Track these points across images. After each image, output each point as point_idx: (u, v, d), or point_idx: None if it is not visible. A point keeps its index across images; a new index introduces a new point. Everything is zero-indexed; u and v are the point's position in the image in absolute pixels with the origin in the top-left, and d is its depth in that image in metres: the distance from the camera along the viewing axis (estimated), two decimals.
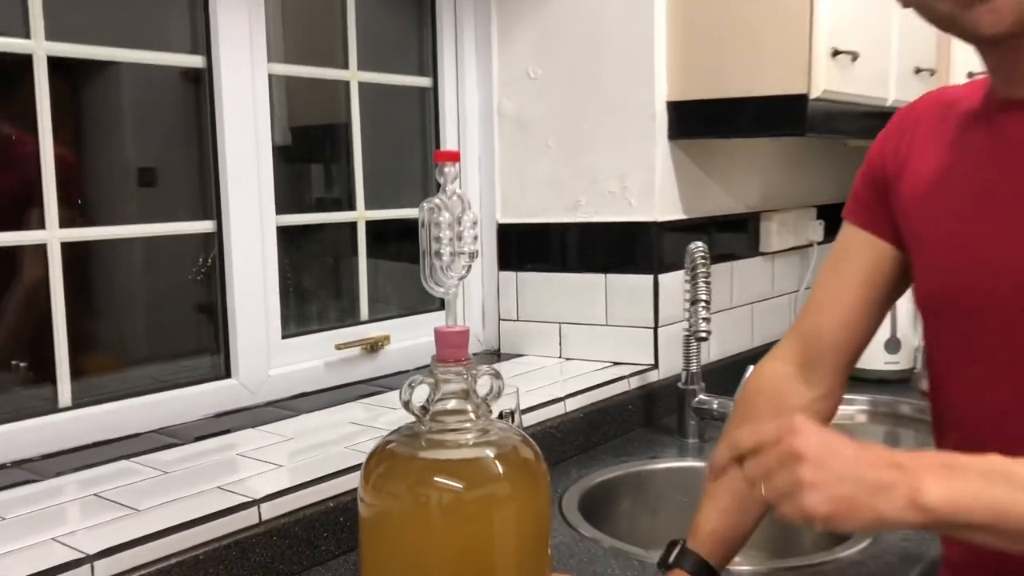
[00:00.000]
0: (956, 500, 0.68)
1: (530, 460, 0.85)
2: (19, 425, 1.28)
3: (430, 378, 0.83)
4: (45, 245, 1.31)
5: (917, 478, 0.69)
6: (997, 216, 0.84)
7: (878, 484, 0.69)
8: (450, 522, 0.81)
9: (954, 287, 0.89)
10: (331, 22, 1.74)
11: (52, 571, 0.93)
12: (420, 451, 0.82)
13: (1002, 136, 0.85)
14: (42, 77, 1.29)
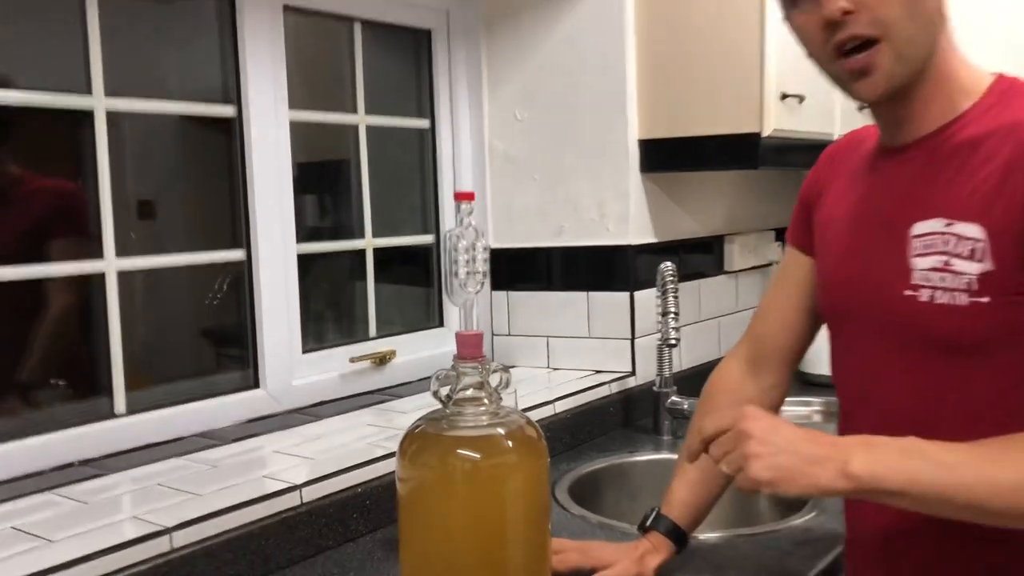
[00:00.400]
0: (877, 470, 0.87)
1: (533, 437, 1.06)
2: (81, 430, 1.47)
3: (452, 372, 1.04)
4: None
5: (846, 452, 0.88)
6: (865, 242, 1.05)
7: (814, 456, 0.89)
8: (470, 486, 1.02)
9: (836, 297, 1.10)
10: (340, 71, 1.96)
11: (138, 540, 1.13)
12: (445, 431, 1.03)
13: (879, 176, 1.06)
14: (101, 129, 1.50)
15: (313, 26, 1.88)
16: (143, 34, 1.61)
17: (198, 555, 1.18)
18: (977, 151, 0.95)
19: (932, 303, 0.95)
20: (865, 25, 0.93)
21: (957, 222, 0.94)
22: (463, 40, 2.11)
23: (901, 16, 0.93)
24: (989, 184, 0.93)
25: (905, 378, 1.00)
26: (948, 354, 0.96)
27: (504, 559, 1.04)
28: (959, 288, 0.93)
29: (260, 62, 1.70)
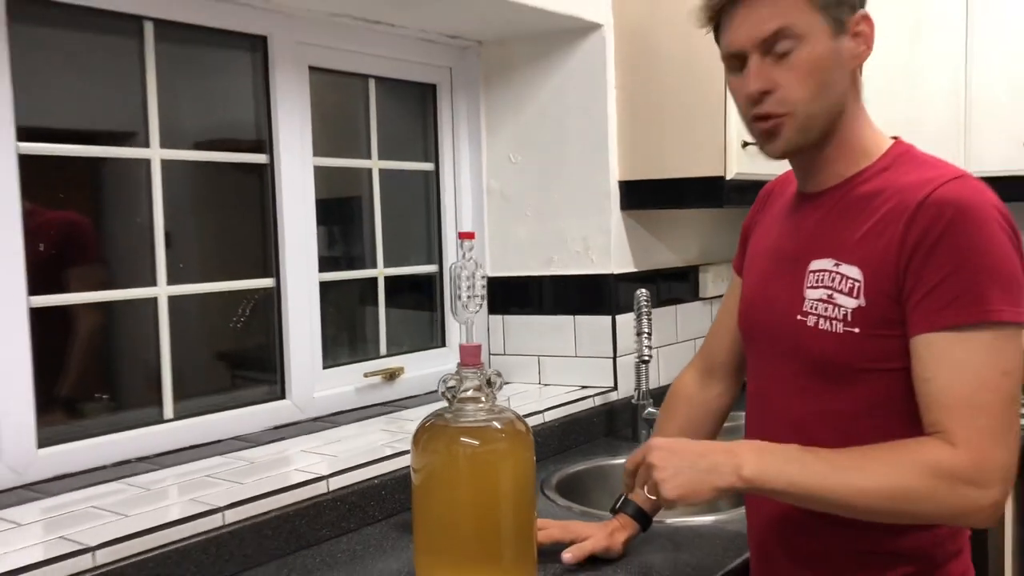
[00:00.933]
0: (765, 473, 1.06)
1: (522, 431, 1.31)
2: (136, 432, 1.72)
3: (456, 376, 1.29)
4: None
5: (739, 458, 1.07)
6: (776, 272, 1.25)
7: (710, 466, 1.09)
8: (470, 468, 1.27)
9: (749, 318, 1.30)
10: (356, 121, 2.23)
11: (197, 516, 1.38)
12: (450, 423, 1.28)
13: (794, 217, 1.27)
14: (156, 176, 1.76)
15: (334, 82, 2.15)
16: (190, 91, 1.87)
17: (245, 531, 1.43)
18: (868, 205, 1.14)
19: (816, 328, 1.14)
20: (774, 104, 1.13)
21: (843, 263, 1.13)
22: (464, 93, 2.38)
23: (805, 99, 1.12)
24: (871, 234, 1.11)
25: (792, 389, 1.19)
26: (823, 373, 1.15)
27: (498, 528, 1.28)
28: (837, 318, 1.12)
29: (289, 115, 1.96)
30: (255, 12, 1.87)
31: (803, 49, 1.12)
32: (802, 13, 1.11)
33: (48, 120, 1.63)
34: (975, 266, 1.04)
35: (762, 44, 1.13)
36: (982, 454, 1.02)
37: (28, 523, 1.36)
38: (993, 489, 1.02)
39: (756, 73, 1.13)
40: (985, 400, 1.03)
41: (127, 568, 1.28)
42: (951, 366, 1.04)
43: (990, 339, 1.04)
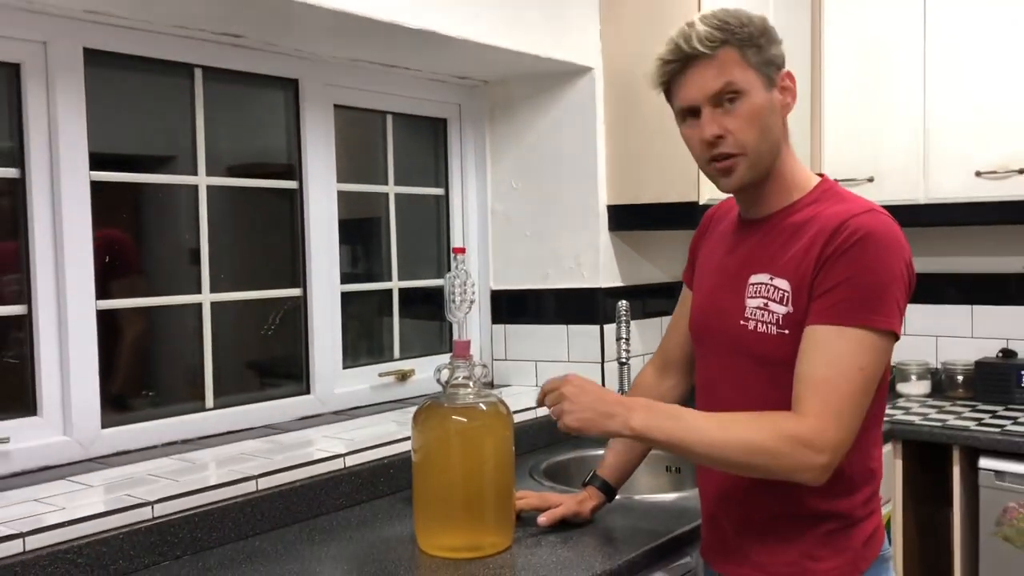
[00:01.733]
0: (649, 427, 1.34)
1: (503, 412, 1.58)
2: (182, 418, 2.01)
3: (449, 366, 1.57)
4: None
5: (630, 411, 1.34)
6: (722, 285, 1.49)
7: (607, 413, 1.35)
8: (460, 441, 1.54)
9: (699, 323, 1.52)
10: (375, 152, 2.52)
11: (235, 482, 1.66)
12: (444, 404, 1.56)
13: (737, 239, 1.51)
14: (203, 200, 2.06)
15: (356, 118, 2.44)
16: (232, 125, 2.17)
17: (274, 496, 1.71)
18: (798, 231, 1.37)
19: (755, 331, 1.38)
20: (730, 146, 1.36)
21: (776, 277, 1.37)
22: (471, 126, 2.67)
23: (756, 140, 1.36)
24: (798, 252, 1.35)
25: (739, 382, 1.42)
26: (763, 368, 1.38)
27: (482, 493, 1.56)
28: (771, 322, 1.36)
29: (316, 146, 2.26)
30: (289, 59, 2.18)
31: (745, 100, 1.36)
32: (741, 71, 1.36)
33: (109, 149, 1.93)
34: (864, 280, 1.29)
35: (712, 98, 1.36)
36: (823, 425, 1.26)
37: (97, 485, 1.65)
38: (824, 456, 1.26)
39: (710, 121, 1.37)
40: (838, 384, 1.27)
41: (178, 521, 1.57)
42: (822, 352, 1.29)
43: (858, 339, 1.28)
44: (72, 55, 1.79)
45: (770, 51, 1.39)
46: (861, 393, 1.29)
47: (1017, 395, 2.75)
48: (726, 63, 1.36)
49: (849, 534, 1.40)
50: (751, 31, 1.37)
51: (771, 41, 1.40)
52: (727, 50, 1.36)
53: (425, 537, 1.58)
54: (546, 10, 2.35)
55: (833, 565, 1.39)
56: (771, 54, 1.39)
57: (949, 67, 2.68)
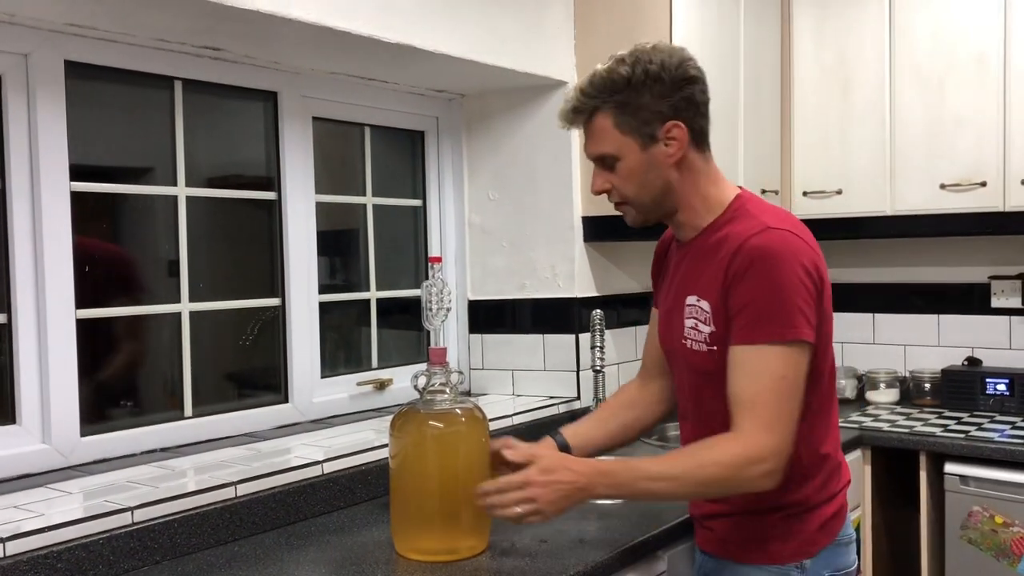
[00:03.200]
0: (611, 488, 1.45)
1: (479, 417, 1.61)
2: (161, 427, 2.02)
3: (426, 372, 1.60)
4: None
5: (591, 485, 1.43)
6: (668, 308, 1.60)
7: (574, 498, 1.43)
8: (436, 445, 1.57)
9: (661, 345, 1.67)
10: (353, 163, 2.55)
11: (214, 488, 1.68)
12: (420, 410, 1.59)
13: (676, 262, 1.61)
14: (182, 210, 2.09)
15: (334, 130, 2.48)
16: (211, 137, 2.20)
17: (253, 503, 1.73)
18: (715, 251, 1.48)
19: (692, 349, 1.52)
20: (616, 197, 1.55)
21: (701, 299, 1.49)
22: (449, 139, 2.72)
23: (635, 194, 1.52)
24: (713, 276, 1.46)
25: (693, 394, 1.57)
26: (705, 379, 1.52)
27: (457, 496, 1.58)
28: (701, 340, 1.50)
29: (295, 158, 2.29)
30: (267, 72, 2.21)
31: (622, 163, 1.50)
32: (614, 141, 1.49)
33: (89, 160, 1.94)
34: (764, 298, 1.40)
35: (595, 160, 1.54)
36: (757, 438, 1.39)
37: (76, 492, 1.67)
38: (767, 464, 1.39)
39: (595, 176, 1.56)
40: (764, 398, 1.39)
41: (158, 526, 1.58)
42: (744, 371, 1.42)
43: (772, 353, 1.40)
44: (53, 67, 1.82)
45: (652, 108, 1.47)
46: (787, 399, 1.41)
47: (981, 402, 2.82)
48: (599, 132, 1.51)
49: (804, 519, 1.53)
50: (623, 98, 1.47)
51: (657, 96, 1.47)
52: (600, 118, 1.50)
53: (402, 541, 1.60)
54: (522, 25, 2.40)
55: (789, 547, 1.52)
56: (652, 111, 1.47)
57: (913, 82, 2.76)
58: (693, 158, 1.52)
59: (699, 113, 1.52)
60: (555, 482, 1.43)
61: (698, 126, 1.52)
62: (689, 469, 1.44)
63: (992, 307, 2.96)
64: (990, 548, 2.40)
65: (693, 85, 1.50)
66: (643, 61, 1.47)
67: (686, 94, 1.49)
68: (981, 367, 2.91)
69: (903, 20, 2.77)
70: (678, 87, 1.48)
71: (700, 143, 1.53)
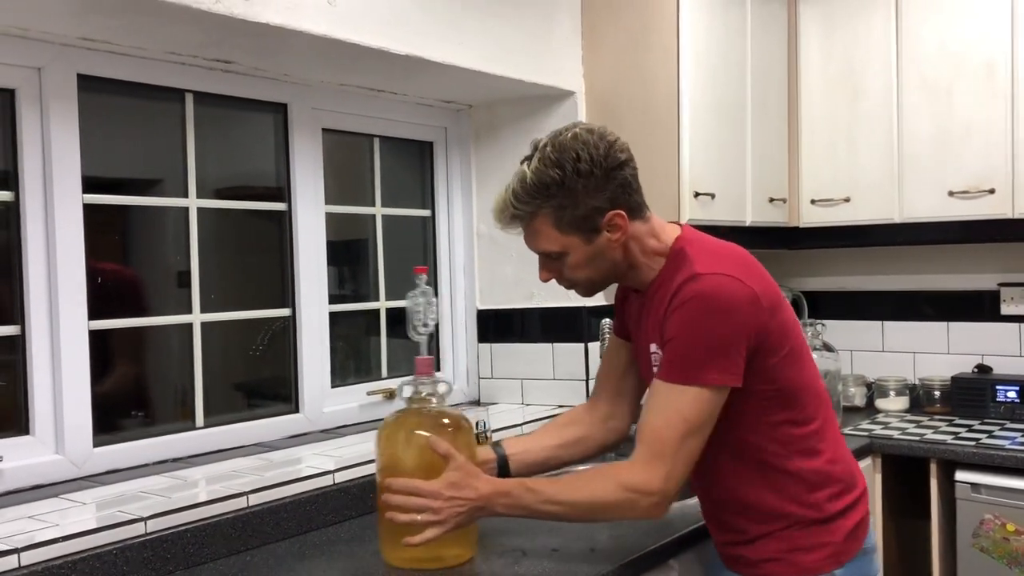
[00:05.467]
0: (508, 508, 1.49)
1: (465, 426, 1.61)
2: (172, 437, 2.03)
3: (412, 382, 1.61)
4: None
5: (490, 504, 1.48)
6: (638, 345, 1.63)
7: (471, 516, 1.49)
8: (423, 454, 1.55)
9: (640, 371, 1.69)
10: (362, 174, 2.57)
11: (227, 498, 1.69)
12: (406, 419, 1.59)
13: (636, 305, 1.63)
14: (194, 222, 2.10)
15: (343, 141, 2.49)
16: (222, 148, 2.22)
17: (265, 512, 1.74)
18: (657, 301, 1.52)
19: None
20: (565, 283, 1.60)
21: (654, 344, 1.54)
22: (457, 149, 2.73)
23: (584, 279, 1.57)
24: (658, 322, 1.50)
25: None
26: None
27: None
28: None
29: (305, 169, 2.31)
30: (277, 84, 2.22)
31: (568, 258, 1.54)
32: (557, 240, 1.52)
33: (101, 172, 1.96)
34: (683, 342, 1.44)
35: (541, 255, 1.58)
36: (649, 470, 1.44)
37: (89, 503, 1.68)
38: (653, 497, 1.45)
39: (542, 268, 1.60)
40: (663, 433, 1.44)
41: (171, 536, 1.59)
42: (653, 403, 1.48)
43: (679, 393, 1.44)
44: (66, 81, 1.83)
45: (589, 204, 1.48)
46: (686, 438, 1.44)
47: (992, 409, 2.81)
48: (541, 234, 1.53)
49: (829, 528, 1.53)
50: (560, 201, 1.47)
51: (592, 190, 1.48)
52: (539, 221, 1.52)
53: (388, 549, 1.60)
54: (530, 36, 2.41)
55: (818, 557, 1.53)
56: (590, 207, 1.49)
57: (921, 90, 2.76)
58: (635, 228, 1.54)
59: (634, 191, 1.53)
60: (458, 499, 1.48)
61: (635, 203, 1.53)
62: (582, 497, 1.49)
63: (1002, 314, 2.95)
64: (1002, 556, 2.39)
65: (624, 169, 1.51)
66: (570, 159, 1.46)
67: (620, 181, 1.50)
68: (991, 374, 2.90)
69: (910, 28, 2.78)
70: (610, 177, 1.49)
71: (639, 214, 1.55)
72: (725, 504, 1.61)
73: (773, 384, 1.50)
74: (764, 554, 1.57)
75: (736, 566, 1.63)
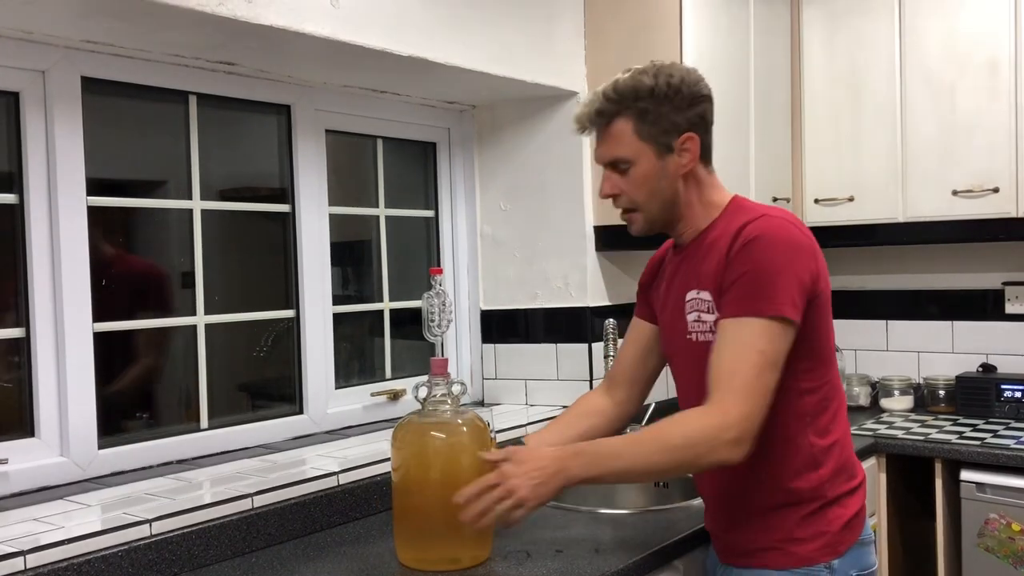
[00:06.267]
0: (584, 466, 1.44)
1: (480, 426, 1.61)
2: (176, 439, 2.03)
3: (427, 383, 1.61)
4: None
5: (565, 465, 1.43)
6: (671, 312, 1.63)
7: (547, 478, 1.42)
8: (437, 455, 1.57)
9: (665, 351, 1.71)
10: (366, 175, 2.57)
11: (233, 499, 1.69)
12: (423, 421, 1.59)
13: (674, 266, 1.65)
14: (197, 223, 2.10)
15: (347, 142, 2.49)
16: (225, 150, 2.22)
17: (270, 514, 1.74)
18: (714, 246, 1.54)
19: (696, 340, 1.56)
20: (624, 203, 1.60)
21: (701, 291, 1.55)
22: (460, 150, 2.73)
23: (645, 201, 1.58)
24: (714, 266, 1.52)
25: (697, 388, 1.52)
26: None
27: (459, 506, 1.57)
28: (706, 331, 1.54)
29: (308, 170, 2.31)
30: (281, 85, 2.23)
31: (636, 168, 1.56)
32: (631, 145, 1.55)
33: (105, 174, 1.96)
34: (753, 275, 1.45)
35: (608, 164, 1.59)
36: (725, 407, 1.41)
37: (94, 505, 1.68)
38: (733, 431, 1.40)
39: (606, 180, 1.60)
40: (740, 368, 1.42)
41: (176, 538, 1.59)
42: (725, 342, 1.45)
43: (754, 326, 1.43)
44: (70, 83, 1.84)
45: (671, 118, 1.54)
46: (762, 372, 1.43)
47: (997, 409, 2.80)
48: (617, 136, 1.56)
49: (827, 516, 1.54)
50: (645, 106, 1.53)
51: (676, 108, 1.54)
52: (620, 122, 1.55)
53: (404, 551, 1.61)
54: (533, 37, 2.41)
55: (815, 547, 1.53)
56: (671, 121, 1.54)
57: (924, 89, 2.76)
58: (699, 171, 1.61)
59: (708, 130, 1.60)
60: (530, 470, 1.44)
61: (707, 142, 1.61)
62: (656, 436, 1.46)
63: (1006, 313, 2.95)
64: (1007, 556, 2.39)
65: (707, 103, 1.59)
66: (664, 74, 1.54)
67: (700, 111, 1.58)
68: (996, 373, 2.89)
69: (913, 27, 2.77)
70: (695, 103, 1.56)
71: (706, 158, 1.62)
72: (731, 478, 1.57)
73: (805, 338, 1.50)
74: (762, 543, 1.57)
75: (732, 557, 1.63)
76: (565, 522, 1.87)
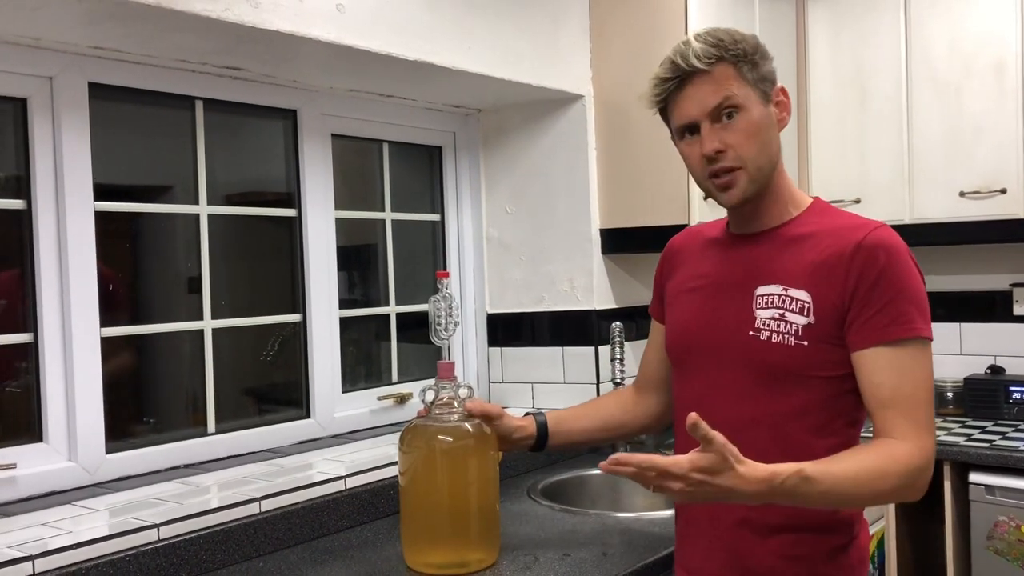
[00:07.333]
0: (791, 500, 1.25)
1: (487, 431, 1.60)
2: (185, 443, 2.04)
3: (434, 387, 1.61)
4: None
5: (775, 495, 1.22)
6: (716, 301, 1.46)
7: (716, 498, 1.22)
8: (444, 459, 1.57)
9: (681, 343, 1.52)
10: (372, 179, 2.57)
11: (240, 504, 1.70)
12: (429, 424, 1.59)
13: (729, 254, 1.49)
14: (204, 228, 2.11)
15: (353, 147, 2.50)
16: (232, 155, 2.22)
17: (277, 518, 1.74)
18: (806, 243, 1.41)
19: (768, 341, 1.38)
20: (731, 160, 1.38)
21: (792, 288, 1.38)
22: (466, 153, 2.73)
23: (755, 154, 1.38)
24: (816, 265, 1.37)
25: (737, 395, 1.41)
26: (770, 379, 1.38)
27: (467, 510, 1.59)
28: (789, 332, 1.37)
29: (315, 175, 2.31)
30: (287, 90, 2.23)
31: (744, 115, 1.38)
32: (738, 87, 1.38)
33: (112, 179, 1.97)
34: (905, 296, 1.35)
35: (711, 113, 1.38)
36: (920, 442, 1.32)
37: (102, 509, 1.68)
38: (929, 471, 1.33)
39: (710, 136, 1.38)
40: (918, 398, 1.33)
41: (184, 543, 1.60)
42: (894, 371, 1.33)
43: (918, 350, 1.34)
44: (77, 89, 1.84)
45: (764, 67, 1.43)
46: (932, 401, 1.36)
47: (1005, 411, 2.79)
48: (723, 78, 1.38)
49: (849, 552, 1.44)
50: (744, 47, 1.40)
51: (764, 57, 1.43)
52: (723, 66, 1.39)
53: (412, 555, 1.61)
54: (538, 40, 2.41)
55: None
56: (765, 70, 1.43)
57: (930, 90, 2.75)
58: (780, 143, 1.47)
59: None
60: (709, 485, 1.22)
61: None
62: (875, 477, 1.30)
63: (1014, 315, 2.94)
64: (1017, 558, 2.37)
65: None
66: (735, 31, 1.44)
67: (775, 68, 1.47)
68: (1004, 375, 2.88)
69: (919, 28, 2.77)
70: (770, 58, 1.46)
71: None
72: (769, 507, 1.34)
73: None
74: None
75: None
76: (573, 525, 1.87)
